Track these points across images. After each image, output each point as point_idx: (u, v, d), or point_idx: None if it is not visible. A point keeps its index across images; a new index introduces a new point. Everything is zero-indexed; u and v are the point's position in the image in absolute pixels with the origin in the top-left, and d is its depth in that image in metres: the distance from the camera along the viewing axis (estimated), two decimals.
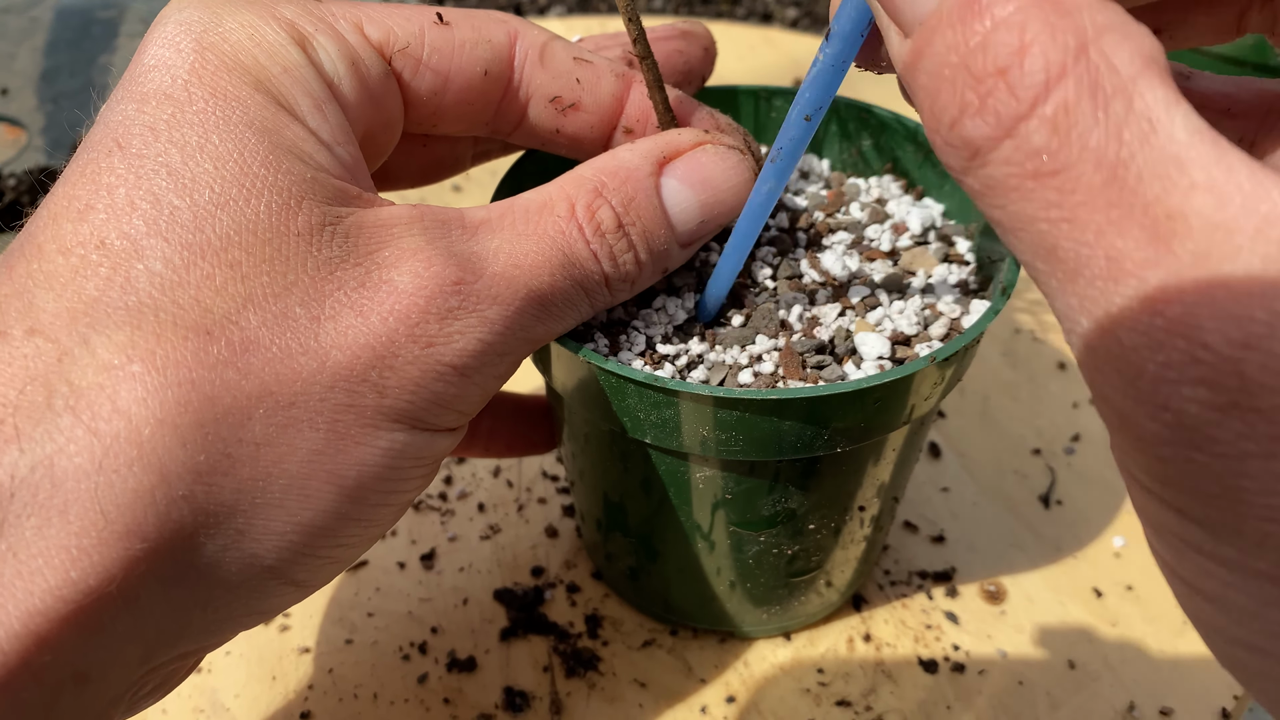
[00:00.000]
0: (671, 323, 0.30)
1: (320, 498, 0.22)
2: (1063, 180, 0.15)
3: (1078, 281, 0.15)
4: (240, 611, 0.23)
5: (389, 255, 0.23)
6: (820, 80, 0.23)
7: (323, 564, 0.23)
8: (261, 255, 0.21)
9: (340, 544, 0.23)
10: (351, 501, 0.23)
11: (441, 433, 0.24)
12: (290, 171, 0.22)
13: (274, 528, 0.21)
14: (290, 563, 0.22)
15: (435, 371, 0.23)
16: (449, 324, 0.23)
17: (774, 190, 0.27)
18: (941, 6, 0.16)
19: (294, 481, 0.21)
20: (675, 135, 0.28)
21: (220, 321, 0.21)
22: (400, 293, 0.22)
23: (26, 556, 0.18)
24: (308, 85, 0.24)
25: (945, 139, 0.16)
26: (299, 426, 0.21)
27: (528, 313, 0.24)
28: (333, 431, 0.22)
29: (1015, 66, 0.15)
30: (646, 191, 0.26)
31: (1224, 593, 0.15)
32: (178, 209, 0.21)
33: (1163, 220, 0.14)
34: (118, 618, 0.19)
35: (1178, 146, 0.14)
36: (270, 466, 0.21)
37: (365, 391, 0.22)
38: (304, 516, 0.22)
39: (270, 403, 0.21)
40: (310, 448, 0.21)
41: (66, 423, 0.19)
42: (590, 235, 0.25)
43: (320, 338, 0.21)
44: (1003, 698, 0.35)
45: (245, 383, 0.21)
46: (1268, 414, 0.13)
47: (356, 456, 0.22)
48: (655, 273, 0.27)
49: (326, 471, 0.22)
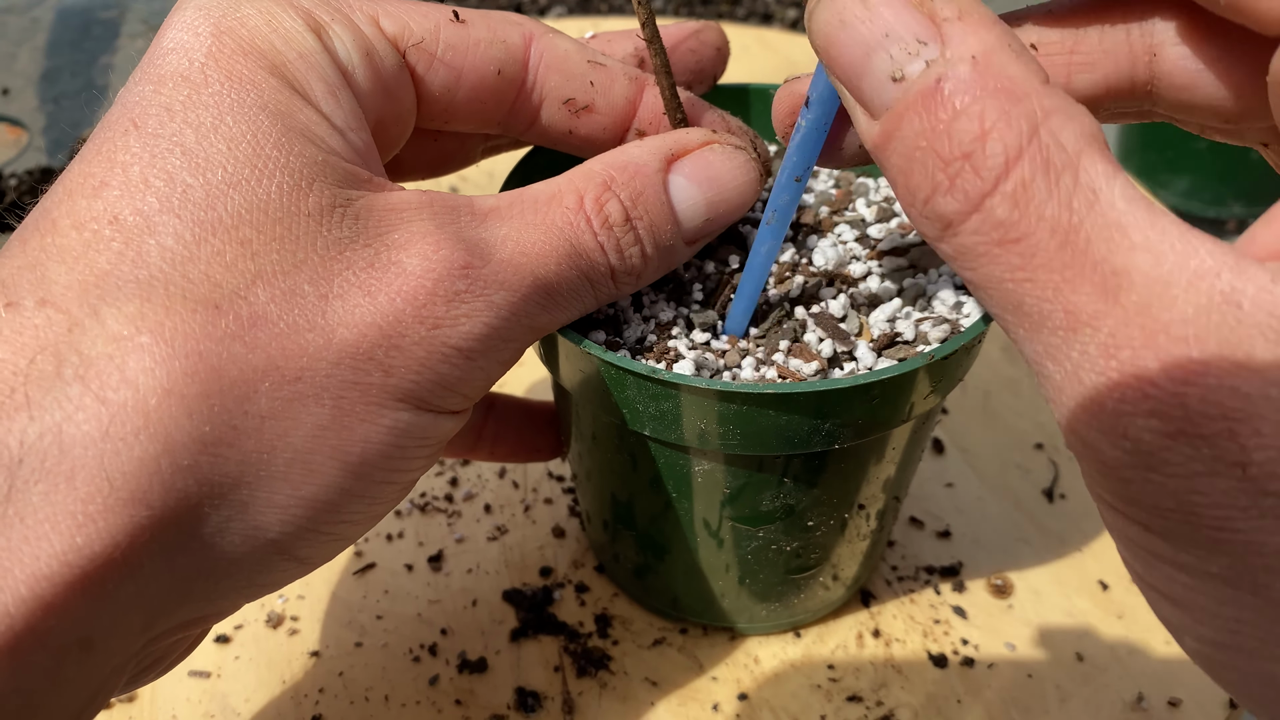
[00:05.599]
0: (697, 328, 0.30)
1: (324, 473, 0.22)
2: (1024, 246, 0.17)
3: (1041, 332, 0.18)
4: (242, 583, 0.23)
5: (398, 238, 0.23)
6: (805, 144, 0.25)
7: (326, 540, 0.24)
8: (272, 234, 0.22)
9: (343, 520, 0.24)
10: (355, 478, 0.23)
11: (445, 414, 0.25)
12: (302, 154, 0.22)
13: (277, 501, 0.22)
14: (293, 537, 0.22)
15: (441, 353, 0.23)
16: (456, 307, 0.23)
17: (772, 249, 0.28)
18: (905, 95, 0.18)
19: (298, 455, 0.22)
20: (684, 134, 0.28)
21: (229, 296, 0.21)
22: (409, 274, 0.23)
23: (34, 522, 0.19)
24: (322, 71, 0.24)
25: (920, 213, 0.19)
26: (304, 401, 0.21)
27: (533, 300, 0.25)
28: (338, 408, 0.22)
29: (978, 150, 0.17)
30: (654, 187, 0.27)
31: (1187, 596, 0.18)
32: (191, 187, 0.21)
33: (1109, 276, 0.17)
34: (122, 584, 0.20)
35: (1118, 213, 0.17)
36: (275, 440, 0.21)
37: (371, 370, 0.22)
38: (307, 491, 0.22)
39: (276, 377, 0.21)
40: (315, 423, 0.22)
41: (75, 391, 0.19)
42: (598, 227, 0.25)
43: (328, 315, 0.22)
44: (1012, 691, 0.35)
45: (252, 356, 0.21)
46: (1210, 439, 0.16)
47: (361, 433, 0.22)
48: (661, 268, 0.28)
49: (331, 447, 0.22)
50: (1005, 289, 0.18)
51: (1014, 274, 0.17)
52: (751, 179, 0.28)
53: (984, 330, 0.28)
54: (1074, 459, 0.43)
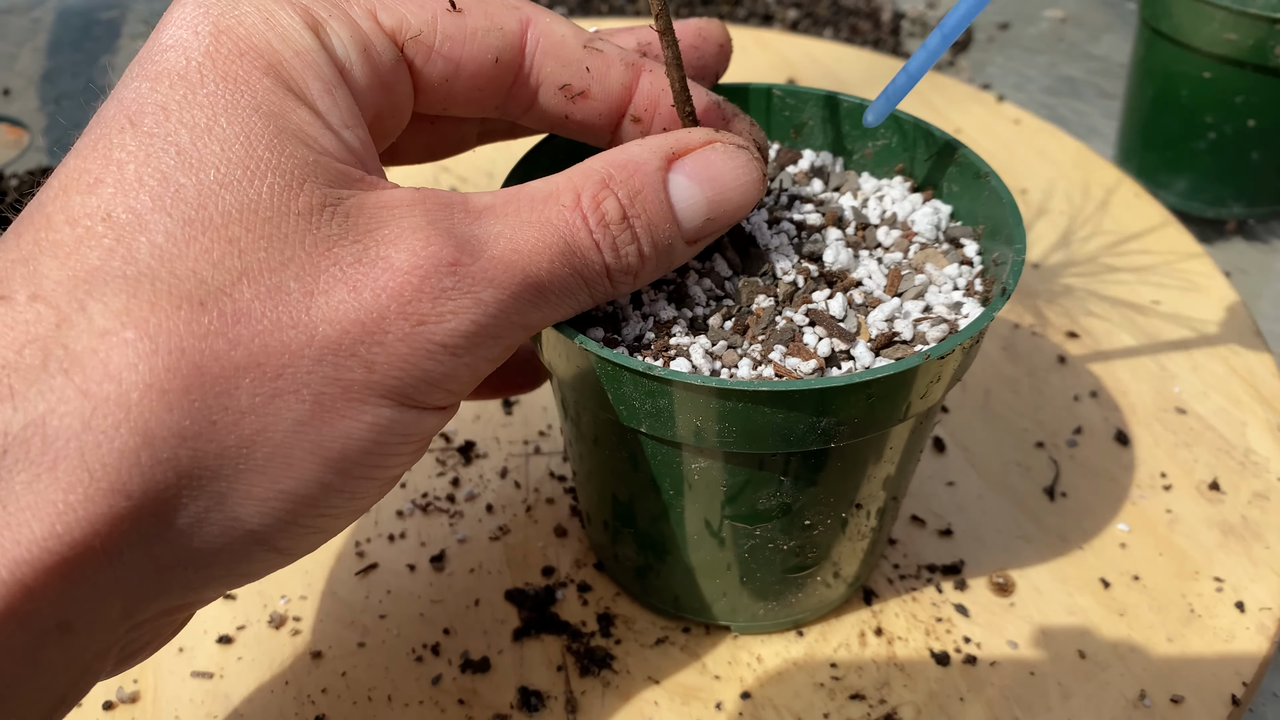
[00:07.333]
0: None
1: (303, 468, 0.22)
2: None
3: None
4: (222, 572, 0.23)
5: (388, 234, 0.23)
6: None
7: (307, 532, 0.24)
8: (260, 232, 0.22)
9: (324, 514, 0.24)
10: (335, 473, 0.23)
11: (430, 411, 0.25)
12: (294, 155, 0.23)
13: (256, 494, 0.22)
14: (272, 529, 0.23)
15: (425, 350, 0.23)
16: (442, 303, 0.23)
17: (937, 50, 0.29)
18: None
19: (277, 450, 0.22)
20: (686, 133, 0.28)
21: (214, 293, 0.21)
22: (395, 269, 0.23)
23: (15, 509, 0.19)
24: (319, 70, 0.24)
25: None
26: (285, 397, 0.22)
27: (524, 298, 0.25)
28: (318, 404, 0.22)
29: None
30: (654, 186, 0.26)
31: None
32: (183, 186, 0.22)
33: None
34: (101, 571, 0.20)
35: None
36: (254, 435, 0.21)
37: (353, 366, 0.22)
38: (286, 485, 0.22)
39: (257, 373, 0.21)
40: (295, 418, 0.22)
41: (59, 384, 0.20)
42: (594, 225, 0.25)
43: (311, 311, 0.22)
44: (1015, 688, 0.35)
45: (234, 353, 0.21)
46: None
47: (341, 429, 0.23)
48: (660, 268, 0.28)
49: (310, 442, 0.22)
50: None
51: None
52: (754, 179, 0.28)
53: (983, 329, 0.28)
54: (1075, 457, 0.43)
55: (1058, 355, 0.48)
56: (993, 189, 0.32)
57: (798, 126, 0.37)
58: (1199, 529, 0.40)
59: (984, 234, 0.32)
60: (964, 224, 0.34)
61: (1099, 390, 0.47)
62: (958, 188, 0.34)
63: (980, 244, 0.32)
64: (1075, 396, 0.46)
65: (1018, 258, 0.29)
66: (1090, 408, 0.46)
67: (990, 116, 0.65)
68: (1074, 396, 0.46)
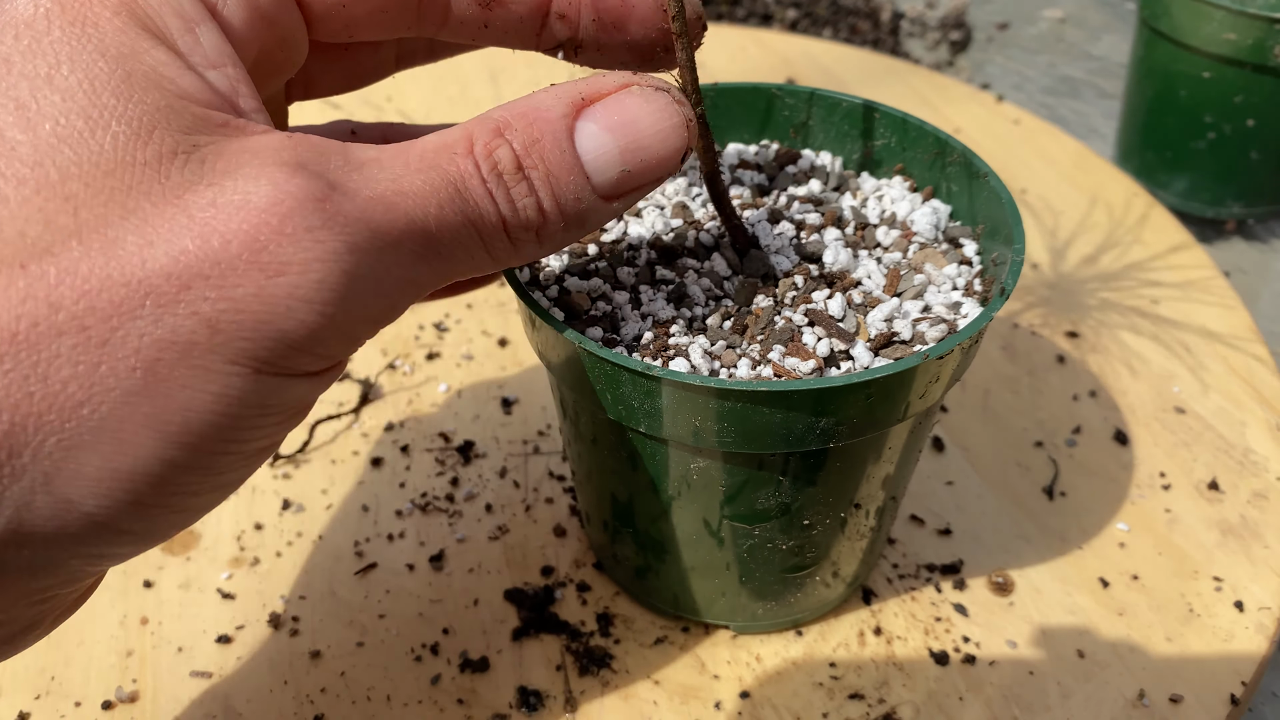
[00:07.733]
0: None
1: (139, 444, 0.20)
2: None
3: None
4: (67, 555, 0.21)
5: (248, 172, 0.21)
6: None
7: (163, 513, 0.21)
8: (100, 186, 0.20)
9: (178, 493, 0.21)
10: (180, 449, 0.20)
11: (298, 378, 0.22)
12: (143, 101, 0.21)
13: (87, 473, 0.20)
14: (115, 511, 0.20)
15: (285, 306, 0.20)
16: (305, 248, 0.20)
17: None
18: None
19: (105, 424, 0.20)
20: (599, 77, 0.25)
21: (38, 254, 0.19)
22: (251, 208, 0.20)
23: None
24: (178, 5, 0.22)
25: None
26: (112, 364, 0.19)
27: (407, 247, 0.22)
28: (152, 373, 0.20)
29: None
30: (554, 134, 0.24)
31: None
32: (19, 144, 0.20)
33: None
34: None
35: None
36: (77, 408, 0.19)
37: (194, 326, 0.20)
38: (121, 464, 0.20)
39: (80, 338, 0.19)
40: (126, 389, 0.20)
41: None
42: (486, 173, 0.23)
43: (147, 265, 0.20)
44: (1014, 688, 0.35)
45: (55, 316, 0.19)
46: None
47: (180, 401, 0.20)
48: (570, 226, 0.25)
49: (144, 415, 0.20)
50: None
51: None
52: (675, 124, 0.25)
53: (982, 329, 0.28)
54: (1074, 457, 0.43)
55: (1057, 355, 0.48)
56: (992, 189, 0.32)
57: (798, 126, 0.37)
58: (1198, 529, 0.40)
59: (983, 234, 0.32)
60: (963, 224, 0.34)
61: (1098, 390, 0.47)
62: (957, 187, 0.34)
63: (979, 244, 0.32)
64: (1074, 396, 0.46)
65: (1016, 258, 0.29)
66: (1089, 407, 0.46)
67: (990, 116, 0.65)
68: (1073, 396, 0.46)
